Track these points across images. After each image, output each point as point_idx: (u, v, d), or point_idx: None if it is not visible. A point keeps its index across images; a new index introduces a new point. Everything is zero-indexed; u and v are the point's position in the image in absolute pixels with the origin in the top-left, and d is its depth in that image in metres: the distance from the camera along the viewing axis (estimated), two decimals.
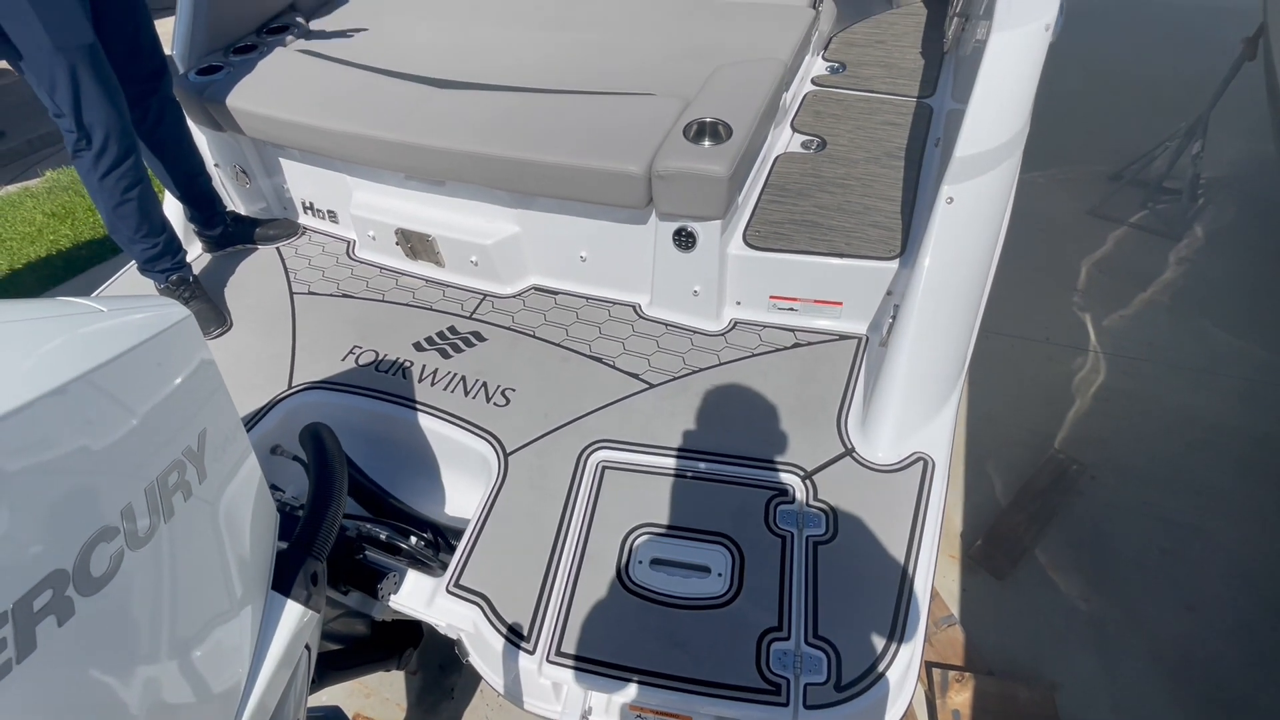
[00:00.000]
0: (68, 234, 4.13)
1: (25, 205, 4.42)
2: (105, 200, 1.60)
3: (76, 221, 4.22)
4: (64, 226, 4.19)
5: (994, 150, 1.25)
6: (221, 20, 1.90)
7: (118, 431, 0.72)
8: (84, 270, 3.86)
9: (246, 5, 1.97)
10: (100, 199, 1.60)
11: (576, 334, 1.64)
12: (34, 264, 3.94)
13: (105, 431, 0.70)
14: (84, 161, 1.54)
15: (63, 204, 4.38)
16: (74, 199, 4.41)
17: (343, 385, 1.58)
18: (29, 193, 4.58)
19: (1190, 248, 3.35)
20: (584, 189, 1.47)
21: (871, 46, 2.09)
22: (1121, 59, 4.57)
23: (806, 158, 1.72)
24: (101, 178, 1.55)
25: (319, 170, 1.89)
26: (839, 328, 1.57)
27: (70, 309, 0.78)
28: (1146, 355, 2.84)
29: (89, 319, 0.78)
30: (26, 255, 4.01)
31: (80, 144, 1.51)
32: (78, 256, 3.96)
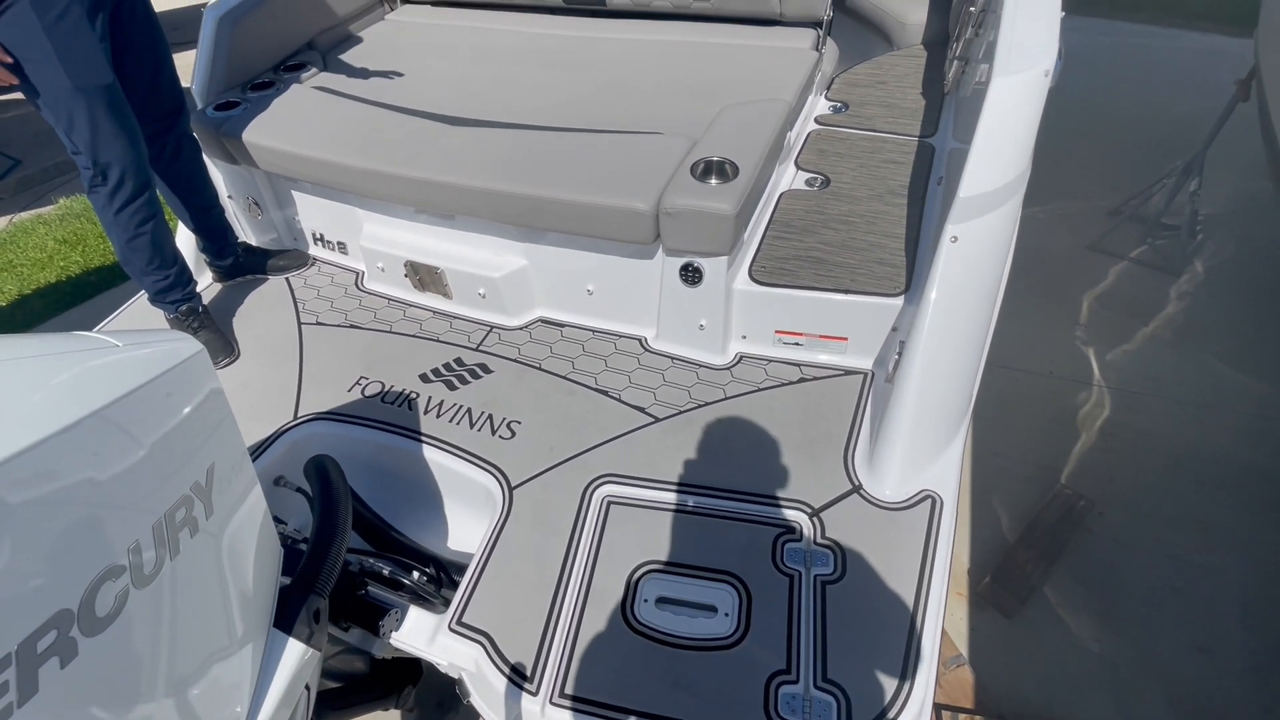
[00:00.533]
0: (78, 260, 4.18)
1: (38, 232, 4.48)
2: (119, 234, 1.62)
3: (87, 248, 4.27)
4: (74, 253, 4.24)
5: (997, 191, 1.26)
6: (240, 58, 1.95)
7: (129, 468, 0.72)
8: (92, 297, 3.89)
9: (265, 44, 2.02)
10: (114, 233, 1.63)
11: (582, 366, 1.64)
12: (44, 289, 3.98)
13: (116, 468, 0.71)
14: (99, 197, 1.57)
15: (74, 231, 4.44)
16: (85, 226, 4.47)
17: (348, 416, 1.58)
18: (42, 220, 4.64)
19: (1191, 283, 3.37)
20: (593, 225, 1.49)
21: (873, 87, 2.13)
22: (1117, 98, 4.66)
23: (811, 195, 1.75)
24: (116, 213, 1.58)
25: (331, 203, 1.92)
26: (844, 363, 1.57)
27: (85, 344, 0.79)
28: (1150, 390, 2.83)
29: (103, 353, 0.79)
30: (36, 281, 4.05)
31: (96, 180, 1.54)
32: (87, 283, 4.00)
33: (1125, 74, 5.00)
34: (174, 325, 1.78)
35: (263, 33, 2.00)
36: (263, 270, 2.00)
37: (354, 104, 1.86)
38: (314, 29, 2.17)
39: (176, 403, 0.81)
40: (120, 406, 0.72)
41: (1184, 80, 4.95)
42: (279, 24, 2.05)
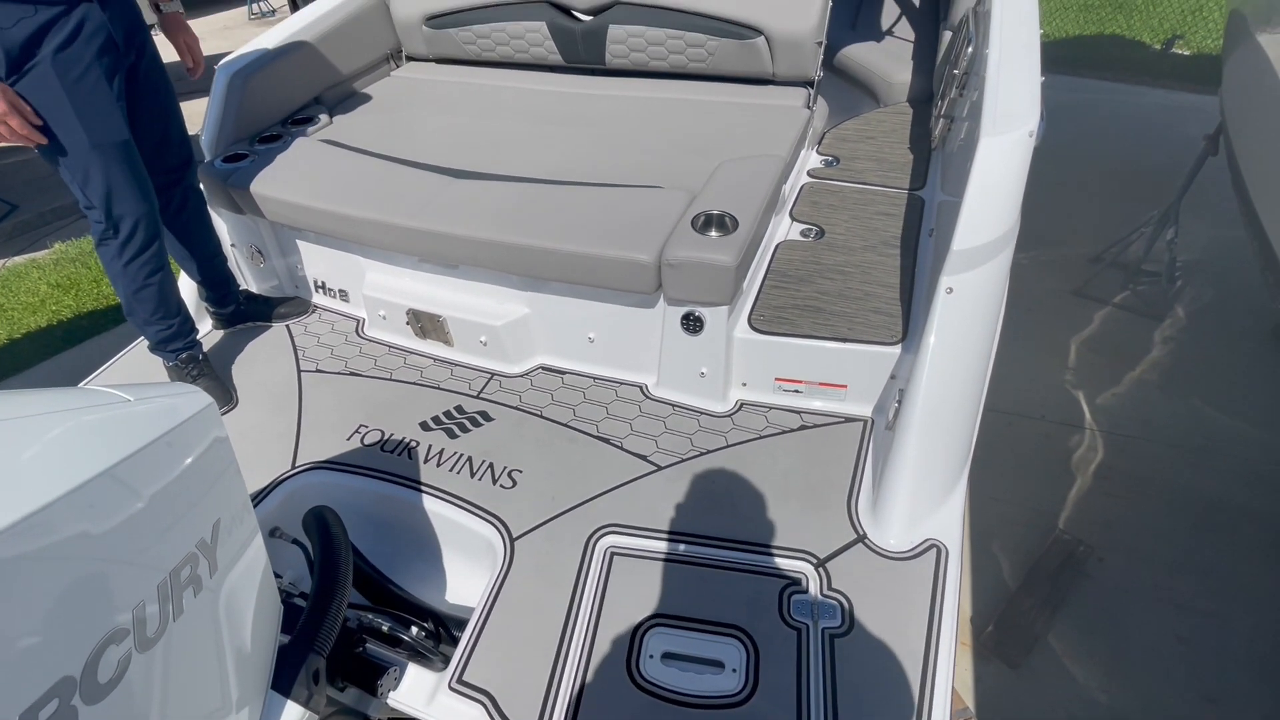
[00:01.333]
0: (70, 305, 4.17)
1: (31, 276, 4.48)
2: (127, 285, 1.64)
3: (80, 293, 4.27)
4: (67, 298, 4.23)
5: (989, 244, 1.31)
6: (249, 112, 2.00)
7: (137, 526, 0.71)
8: (82, 341, 3.86)
9: (274, 99, 2.08)
10: (121, 284, 1.64)
11: (584, 414, 1.65)
12: (35, 334, 3.95)
13: (125, 526, 0.70)
14: (109, 249, 1.58)
15: (68, 275, 4.44)
16: (79, 271, 4.48)
17: (347, 465, 1.56)
18: (36, 264, 4.65)
19: (1174, 327, 3.45)
20: (596, 276, 1.52)
21: (862, 142, 2.22)
22: (1091, 151, 4.85)
23: (806, 245, 1.79)
24: (126, 264, 1.60)
25: (334, 251, 1.95)
26: (844, 410, 1.59)
27: (95, 399, 0.79)
28: (1142, 433, 2.86)
29: (114, 409, 0.78)
30: (27, 325, 4.03)
31: (108, 234, 1.56)
32: (79, 327, 3.98)
33: (1097, 128, 5.21)
34: (173, 374, 1.78)
35: (272, 88, 2.06)
36: (263, 317, 2.01)
37: (360, 156, 1.90)
38: (322, 84, 2.24)
39: (186, 458, 0.81)
40: (131, 464, 0.71)
41: (1153, 134, 5.18)
42: (288, 80, 2.12)
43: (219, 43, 8.85)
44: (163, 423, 0.79)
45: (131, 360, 1.91)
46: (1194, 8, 6.84)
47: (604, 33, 2.17)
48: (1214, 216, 3.91)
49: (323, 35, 2.20)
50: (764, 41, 2.02)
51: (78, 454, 0.68)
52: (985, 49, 1.66)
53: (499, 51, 2.37)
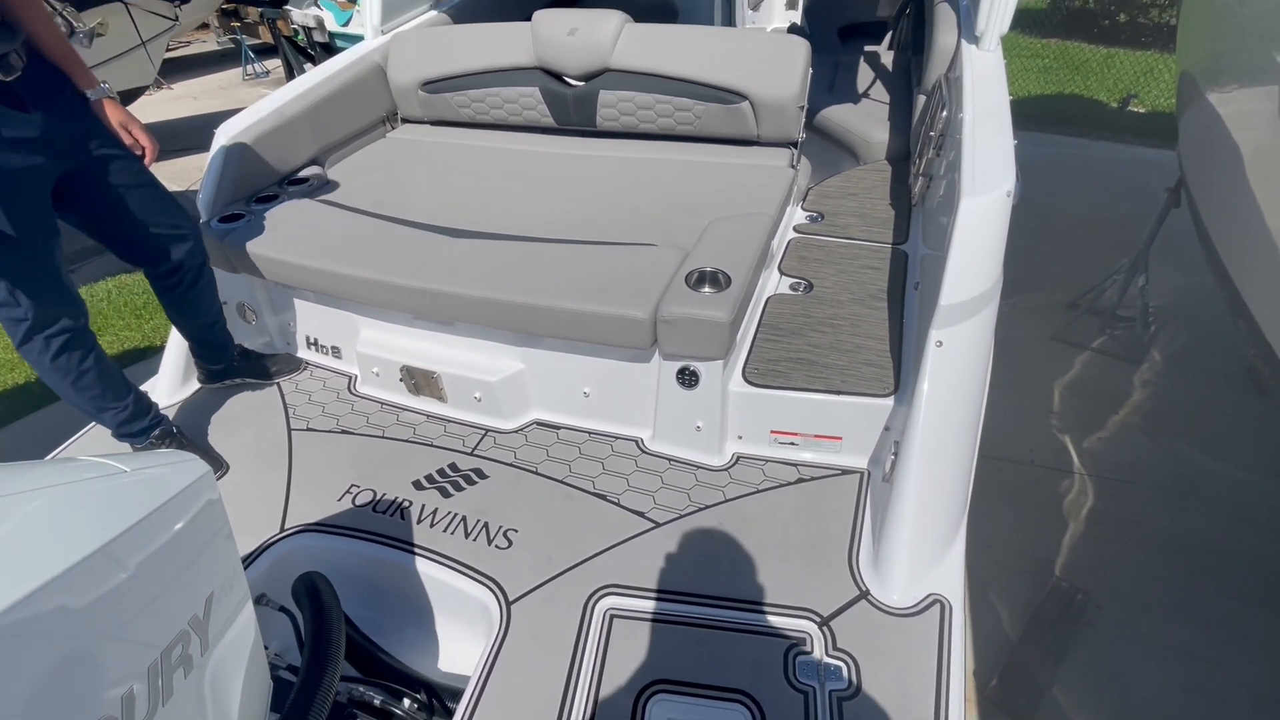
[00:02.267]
0: None
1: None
2: (61, 380, 1.53)
3: None
4: None
5: (975, 299, 1.35)
6: (247, 174, 2.04)
7: (131, 605, 0.69)
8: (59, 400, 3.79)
9: (271, 160, 2.12)
10: (55, 380, 1.53)
11: (580, 470, 1.63)
12: (11, 391, 3.86)
13: (118, 607, 0.67)
14: (32, 348, 1.46)
15: None
16: None
17: (337, 527, 1.53)
18: None
19: (1152, 371, 3.53)
20: (593, 332, 1.54)
21: (845, 198, 2.30)
22: (1059, 203, 5.06)
23: (796, 299, 1.83)
24: (53, 359, 1.49)
25: (327, 309, 1.95)
26: (840, 462, 1.59)
27: (90, 471, 0.77)
28: (1130, 477, 2.89)
29: (109, 480, 0.77)
30: (3, 382, 3.95)
31: (29, 331, 1.43)
32: None
33: (1064, 181, 5.45)
34: (145, 451, 1.69)
35: (269, 149, 2.10)
36: (255, 374, 1.99)
37: (356, 216, 1.93)
38: (319, 146, 2.29)
39: (183, 531, 0.79)
40: (125, 540, 0.69)
41: (1116, 186, 5.42)
42: (285, 141, 2.16)
43: (214, 102, 9.05)
44: (159, 494, 0.77)
45: (90, 441, 1.83)
46: (1145, 69, 7.28)
47: (595, 98, 2.25)
48: (1180, 264, 4.07)
49: (321, 99, 2.26)
50: (749, 106, 2.11)
51: (71, 531, 0.66)
52: (959, 113, 1.75)
53: (493, 114, 2.45)
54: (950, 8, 2.31)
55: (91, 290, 4.76)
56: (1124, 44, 8.32)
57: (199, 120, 8.68)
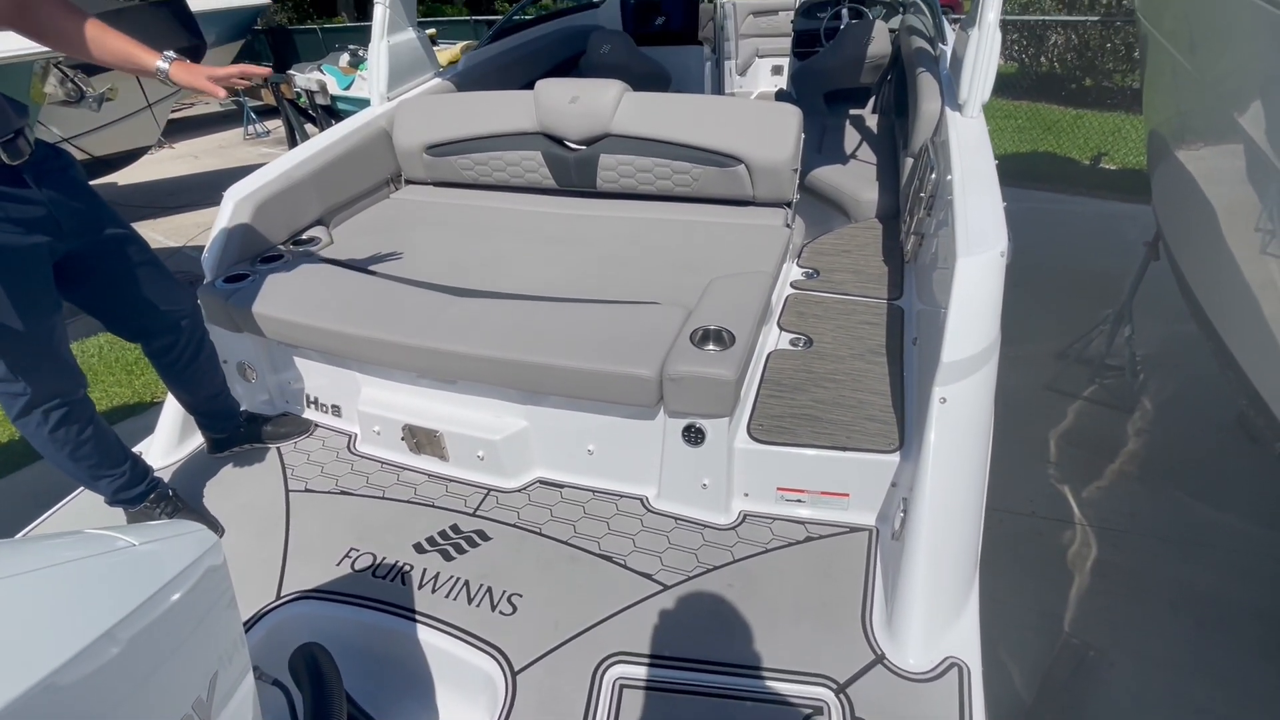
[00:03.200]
0: None
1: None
2: (58, 453, 1.51)
3: None
4: None
5: (976, 356, 1.37)
6: (253, 235, 2.07)
7: (135, 692, 0.66)
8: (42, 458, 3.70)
9: (277, 221, 2.16)
10: (52, 453, 1.51)
11: (584, 530, 1.61)
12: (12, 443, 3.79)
13: (121, 694, 0.64)
14: (29, 422, 1.45)
15: None
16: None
17: (335, 594, 1.48)
18: None
19: (1144, 420, 3.57)
20: (599, 390, 1.54)
21: (839, 255, 2.36)
22: (1042, 255, 5.20)
23: (797, 354, 1.85)
24: (51, 432, 1.47)
25: (328, 367, 1.95)
26: (848, 519, 1.58)
27: (99, 546, 0.76)
28: (1131, 527, 2.88)
29: (117, 555, 0.75)
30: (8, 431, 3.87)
31: (30, 405, 1.43)
32: None
33: (1044, 235, 5.63)
34: (136, 519, 1.66)
35: (276, 211, 2.14)
36: (260, 439, 1.96)
37: (360, 276, 1.96)
38: (324, 207, 2.34)
39: (191, 607, 0.76)
40: (135, 618, 0.67)
41: (1095, 239, 5.61)
42: (292, 203, 2.21)
43: (214, 160, 9.25)
44: (167, 568, 0.75)
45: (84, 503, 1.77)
46: (1113, 129, 7.65)
47: (595, 161, 2.33)
48: (1163, 314, 4.16)
49: (327, 162, 2.32)
50: (744, 169, 2.19)
51: (79, 613, 0.64)
52: (948, 175, 1.83)
53: (495, 176, 2.52)
54: (931, 76, 2.44)
55: (83, 346, 4.74)
56: (1091, 106, 8.76)
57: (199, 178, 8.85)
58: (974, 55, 1.99)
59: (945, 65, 2.59)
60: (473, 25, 14.99)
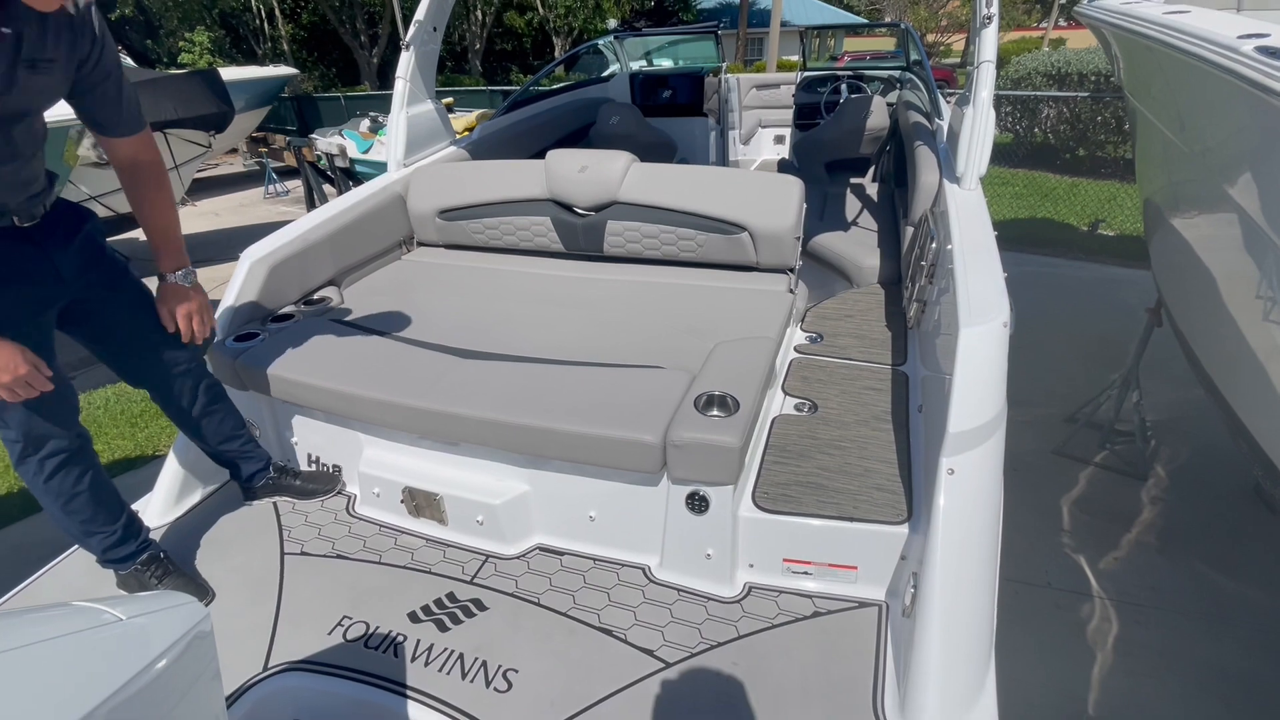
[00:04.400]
0: None
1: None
2: (53, 501, 1.51)
3: None
4: None
5: (983, 426, 1.36)
6: (267, 296, 2.11)
7: None
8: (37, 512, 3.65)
9: (290, 282, 2.20)
10: (48, 501, 1.51)
11: (584, 601, 1.56)
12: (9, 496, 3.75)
13: None
14: (28, 468, 1.46)
15: None
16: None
17: (325, 666, 1.43)
18: None
19: (1158, 487, 3.49)
20: (601, 455, 1.53)
21: (842, 320, 2.38)
22: (1045, 319, 5.24)
23: (801, 419, 1.84)
24: (47, 480, 1.48)
25: (331, 427, 1.94)
26: (857, 594, 1.53)
27: (86, 620, 0.74)
28: (1152, 601, 2.77)
29: (106, 630, 0.73)
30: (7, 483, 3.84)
31: (26, 452, 1.44)
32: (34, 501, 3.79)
33: (1045, 298, 5.69)
34: (128, 583, 1.62)
35: (290, 273, 2.19)
36: (290, 494, 1.94)
37: (366, 337, 1.98)
38: (336, 268, 2.39)
39: (176, 678, 0.74)
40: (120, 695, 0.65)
41: (1096, 303, 5.65)
42: (306, 264, 2.26)
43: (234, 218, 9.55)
44: (154, 644, 0.73)
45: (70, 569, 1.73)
46: (1109, 196, 7.85)
47: (603, 227, 2.39)
48: (1171, 379, 4.15)
49: (342, 226, 2.39)
50: (748, 237, 2.24)
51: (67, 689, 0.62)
52: (948, 244, 1.86)
53: (505, 240, 2.59)
54: (929, 150, 2.53)
55: (90, 398, 4.77)
56: (1085, 174, 9.02)
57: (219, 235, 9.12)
58: (969, 131, 2.06)
59: (942, 139, 2.68)
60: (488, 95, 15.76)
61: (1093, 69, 9.02)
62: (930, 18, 31.34)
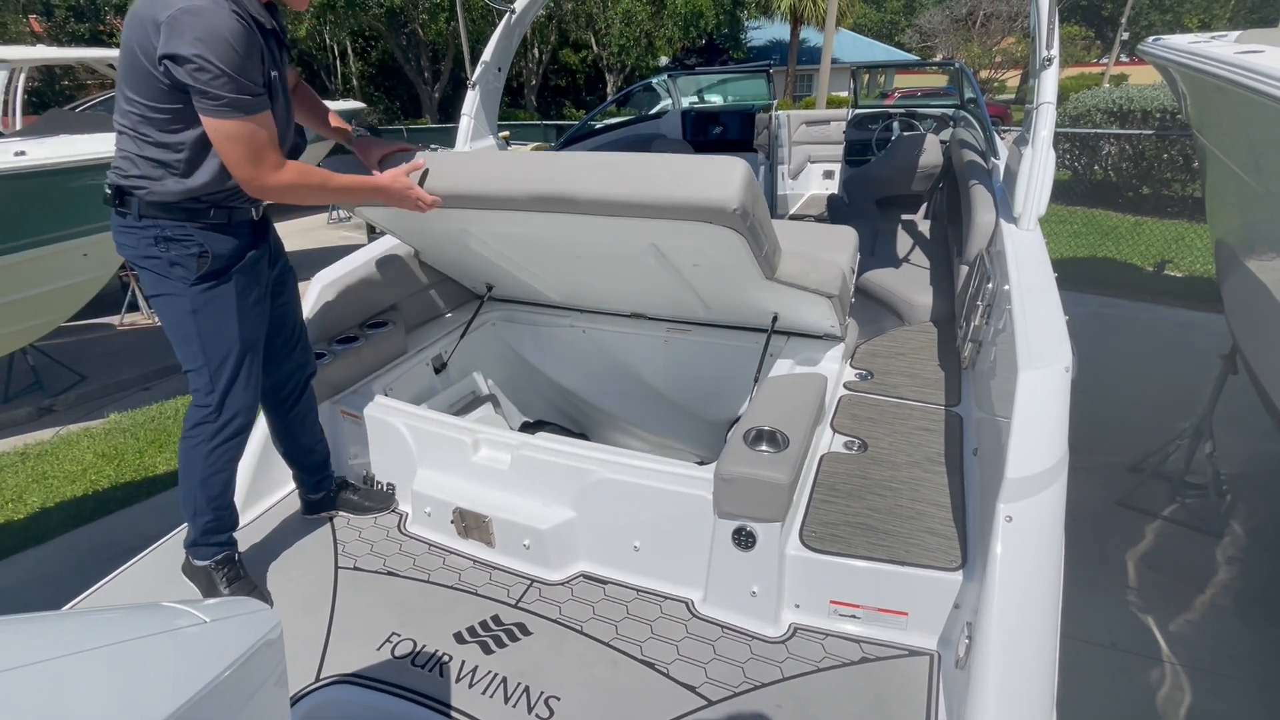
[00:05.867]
0: (110, 474, 4.26)
1: (80, 444, 4.64)
2: (202, 469, 1.65)
3: (123, 463, 4.38)
4: (109, 467, 4.33)
5: (1043, 473, 1.32)
6: (333, 317, 2.22)
7: None
8: (111, 513, 3.88)
9: (355, 306, 2.32)
10: (196, 467, 1.65)
11: (627, 632, 1.56)
12: (67, 503, 3.99)
13: None
14: (204, 431, 1.63)
15: (115, 445, 4.59)
16: (127, 441, 4.64)
17: (374, 681, 1.46)
18: (88, 433, 4.84)
19: (1235, 546, 3.27)
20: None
21: (893, 358, 2.35)
22: (1109, 362, 5.02)
23: (851, 458, 1.82)
24: (212, 449, 1.64)
25: (386, 444, 2.02)
26: (907, 641, 1.48)
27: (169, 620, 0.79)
28: (1229, 670, 2.58)
29: (191, 631, 0.78)
30: (63, 494, 4.08)
31: (209, 417, 1.62)
32: (112, 499, 4.02)
33: (1108, 341, 5.46)
34: (200, 576, 1.71)
35: (355, 297, 2.31)
36: (349, 509, 2.03)
37: None
38: (399, 294, 2.50)
39: (247, 680, 0.78)
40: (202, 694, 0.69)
41: (1164, 347, 5.38)
42: (369, 289, 2.38)
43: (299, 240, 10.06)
44: (236, 646, 0.77)
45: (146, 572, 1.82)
46: (1175, 236, 7.52)
47: None
48: (1247, 429, 3.91)
49: (403, 255, 2.50)
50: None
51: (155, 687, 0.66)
52: (1005, 285, 1.83)
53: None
54: (985, 189, 2.50)
55: (162, 408, 5.05)
56: (1149, 212, 8.67)
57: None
58: (1029, 170, 2.04)
59: (999, 178, 2.65)
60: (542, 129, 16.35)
61: (1157, 106, 8.75)
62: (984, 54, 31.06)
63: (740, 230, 1.51)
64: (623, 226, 1.62)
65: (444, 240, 2.21)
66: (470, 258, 2.30)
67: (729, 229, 1.51)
